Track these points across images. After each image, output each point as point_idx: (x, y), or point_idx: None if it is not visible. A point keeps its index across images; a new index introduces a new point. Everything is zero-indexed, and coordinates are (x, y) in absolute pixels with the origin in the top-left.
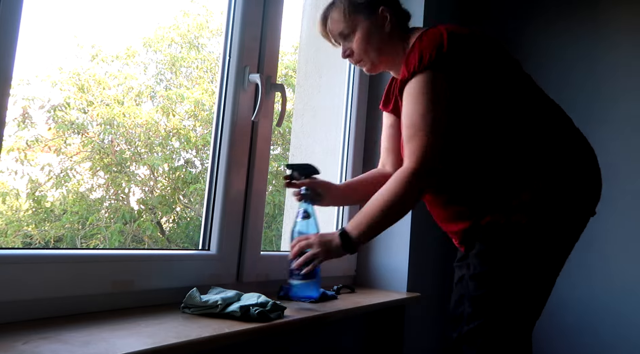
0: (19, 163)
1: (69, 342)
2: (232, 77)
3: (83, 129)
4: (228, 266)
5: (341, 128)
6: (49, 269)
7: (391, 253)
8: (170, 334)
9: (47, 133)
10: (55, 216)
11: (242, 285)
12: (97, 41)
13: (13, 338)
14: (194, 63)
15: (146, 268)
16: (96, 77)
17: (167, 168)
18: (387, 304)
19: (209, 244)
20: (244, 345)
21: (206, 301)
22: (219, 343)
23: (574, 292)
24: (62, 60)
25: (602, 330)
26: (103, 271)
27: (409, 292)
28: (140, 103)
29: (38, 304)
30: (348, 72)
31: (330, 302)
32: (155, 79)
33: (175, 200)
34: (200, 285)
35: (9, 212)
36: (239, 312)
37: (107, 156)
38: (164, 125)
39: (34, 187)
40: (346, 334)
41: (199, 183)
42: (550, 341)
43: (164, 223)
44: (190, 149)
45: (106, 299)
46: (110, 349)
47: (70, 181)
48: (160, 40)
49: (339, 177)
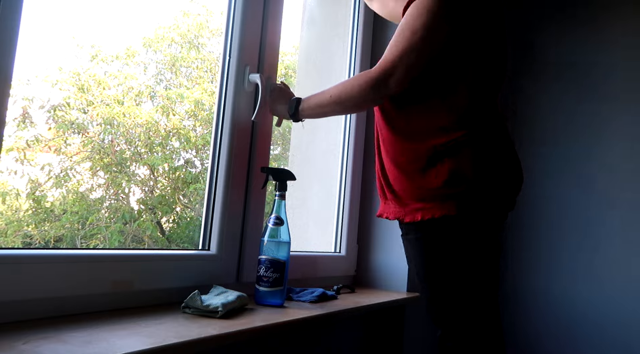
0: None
1: (69, 342)
2: (232, 77)
3: (83, 129)
4: (228, 266)
5: (341, 129)
6: (49, 269)
7: (391, 253)
8: (170, 334)
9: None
10: (55, 216)
11: (242, 285)
12: (96, 41)
13: (13, 338)
14: (194, 63)
15: (146, 268)
16: (96, 77)
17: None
18: (387, 304)
19: (209, 244)
20: (244, 345)
21: (207, 306)
22: (219, 342)
23: (574, 292)
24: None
25: (603, 330)
26: (103, 271)
27: (409, 292)
28: (140, 103)
29: (38, 304)
30: (348, 72)
31: (330, 302)
32: (155, 79)
33: (175, 200)
34: (200, 285)
35: (9, 212)
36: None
37: (107, 156)
38: (164, 125)
39: (34, 187)
40: (346, 334)
41: (199, 183)
42: (551, 341)
43: (164, 223)
44: (190, 149)
45: (106, 299)
46: (110, 349)
47: (70, 181)
48: (160, 40)
49: (339, 176)
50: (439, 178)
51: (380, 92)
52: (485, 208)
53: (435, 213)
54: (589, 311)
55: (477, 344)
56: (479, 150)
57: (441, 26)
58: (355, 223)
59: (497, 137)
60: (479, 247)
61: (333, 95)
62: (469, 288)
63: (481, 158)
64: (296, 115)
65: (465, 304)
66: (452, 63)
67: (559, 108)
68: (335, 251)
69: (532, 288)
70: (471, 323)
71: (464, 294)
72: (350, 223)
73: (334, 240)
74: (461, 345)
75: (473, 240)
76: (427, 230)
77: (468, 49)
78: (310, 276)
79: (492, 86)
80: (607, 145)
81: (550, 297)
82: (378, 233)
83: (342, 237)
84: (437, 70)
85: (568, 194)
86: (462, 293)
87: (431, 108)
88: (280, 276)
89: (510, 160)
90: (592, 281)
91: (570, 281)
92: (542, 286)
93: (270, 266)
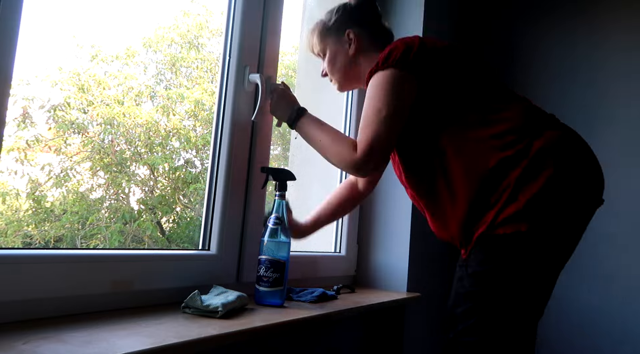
0: (19, 163)
1: (69, 342)
2: (232, 77)
3: (83, 129)
4: (228, 266)
5: (341, 129)
6: (49, 269)
7: (391, 253)
8: (170, 334)
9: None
10: (55, 216)
11: (242, 285)
12: (96, 41)
13: (13, 338)
14: (194, 63)
15: (146, 268)
16: (96, 77)
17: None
18: (387, 304)
19: (209, 244)
20: (244, 345)
21: (207, 306)
22: (219, 342)
23: (574, 292)
24: (62, 60)
25: (605, 330)
26: (103, 271)
27: (409, 292)
28: (140, 103)
29: (38, 304)
30: None
31: (330, 302)
32: (155, 79)
33: (175, 200)
34: (200, 285)
35: (9, 212)
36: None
37: (107, 156)
38: (164, 125)
39: (34, 187)
40: (346, 334)
41: (199, 183)
42: (552, 341)
43: (164, 223)
44: (190, 149)
45: (106, 299)
46: (110, 349)
47: (70, 181)
48: (160, 40)
49: (339, 176)
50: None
51: (360, 173)
52: (558, 222)
53: (507, 230)
54: (589, 311)
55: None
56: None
57: (403, 92)
58: (355, 223)
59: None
60: (549, 264)
61: (324, 144)
62: (525, 308)
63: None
64: (294, 125)
65: (517, 323)
66: (446, 115)
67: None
68: (335, 251)
69: None
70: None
71: (519, 314)
72: (350, 223)
73: (334, 240)
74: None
75: (545, 257)
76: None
77: (455, 82)
78: (310, 276)
79: (506, 97)
80: (607, 145)
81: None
82: (378, 233)
83: (342, 237)
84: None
85: None
86: (518, 312)
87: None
88: (280, 276)
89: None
90: (592, 281)
91: (569, 281)
92: None
93: (270, 266)
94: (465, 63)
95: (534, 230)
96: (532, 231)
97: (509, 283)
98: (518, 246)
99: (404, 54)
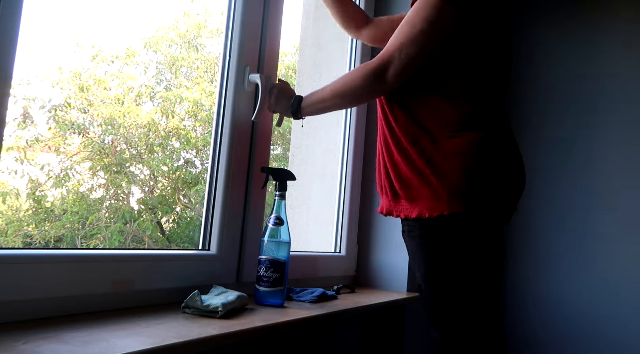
0: (19, 162)
1: (69, 342)
2: (232, 77)
3: (83, 129)
4: (228, 266)
5: (341, 129)
6: (49, 269)
7: (391, 253)
8: (170, 334)
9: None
10: (55, 216)
11: (242, 285)
12: (97, 41)
13: (13, 338)
14: (194, 63)
15: (146, 268)
16: (96, 77)
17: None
18: (387, 304)
19: (209, 244)
20: (244, 345)
21: (207, 306)
22: (219, 342)
23: (574, 292)
24: (63, 60)
25: (602, 331)
26: (103, 271)
27: (409, 292)
28: (140, 103)
29: (38, 304)
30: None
31: (330, 302)
32: (155, 79)
33: (175, 200)
34: (200, 285)
35: (9, 212)
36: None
37: (107, 156)
38: (164, 125)
39: (34, 187)
40: (346, 334)
41: (199, 184)
42: (549, 341)
43: (164, 223)
44: (190, 149)
45: (106, 299)
46: (110, 349)
47: (70, 181)
48: (160, 40)
49: (339, 176)
50: (450, 177)
51: (379, 83)
52: (493, 206)
53: (445, 210)
54: (588, 311)
55: (478, 346)
56: (488, 149)
57: (445, 17)
58: (355, 223)
59: (504, 137)
60: (486, 246)
61: (333, 89)
62: (473, 288)
63: (490, 157)
64: (298, 113)
65: (469, 304)
66: (457, 60)
67: (559, 106)
68: (335, 251)
69: (530, 288)
70: (473, 324)
71: (467, 294)
72: (350, 223)
73: (334, 240)
74: (462, 347)
75: (481, 239)
76: (434, 227)
77: (474, 44)
78: (310, 276)
79: (499, 85)
80: (607, 145)
81: (549, 297)
82: (378, 233)
83: (342, 237)
84: (444, 67)
85: (567, 194)
86: (466, 292)
87: (438, 107)
88: (280, 276)
89: (516, 161)
90: (591, 282)
91: (568, 282)
92: (541, 287)
93: (270, 266)
94: (500, 32)
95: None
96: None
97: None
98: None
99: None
